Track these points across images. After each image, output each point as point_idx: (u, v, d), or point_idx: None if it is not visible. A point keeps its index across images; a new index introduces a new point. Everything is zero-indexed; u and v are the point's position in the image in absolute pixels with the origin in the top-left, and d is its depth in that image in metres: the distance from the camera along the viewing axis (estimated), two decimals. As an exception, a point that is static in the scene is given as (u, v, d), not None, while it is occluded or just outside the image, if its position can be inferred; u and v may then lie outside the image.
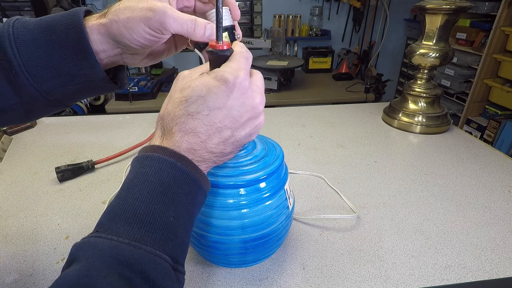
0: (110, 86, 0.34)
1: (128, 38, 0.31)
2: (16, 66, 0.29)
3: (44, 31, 0.30)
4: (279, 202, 0.38)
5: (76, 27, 0.30)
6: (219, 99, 0.28)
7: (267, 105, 1.93)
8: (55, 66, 0.30)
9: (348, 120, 0.89)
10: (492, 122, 1.79)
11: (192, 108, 0.28)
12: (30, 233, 0.49)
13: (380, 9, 2.31)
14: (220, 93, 0.28)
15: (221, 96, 0.28)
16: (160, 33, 0.31)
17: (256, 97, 0.31)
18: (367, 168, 0.66)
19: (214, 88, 0.28)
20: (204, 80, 0.28)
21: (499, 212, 0.53)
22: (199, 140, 0.29)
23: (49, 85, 0.31)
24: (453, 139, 0.79)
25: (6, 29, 0.29)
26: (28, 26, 0.30)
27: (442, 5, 0.73)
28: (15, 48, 0.29)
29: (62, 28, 0.30)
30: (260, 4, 2.16)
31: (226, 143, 0.30)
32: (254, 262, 0.42)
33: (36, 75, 0.30)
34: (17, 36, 0.29)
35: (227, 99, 0.29)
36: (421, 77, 0.83)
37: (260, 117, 0.32)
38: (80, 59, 0.31)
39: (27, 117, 0.34)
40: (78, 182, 0.61)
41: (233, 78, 0.28)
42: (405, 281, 0.41)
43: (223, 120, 0.29)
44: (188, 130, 0.28)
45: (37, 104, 0.32)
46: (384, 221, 0.51)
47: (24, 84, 0.30)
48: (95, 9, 2.08)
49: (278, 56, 1.85)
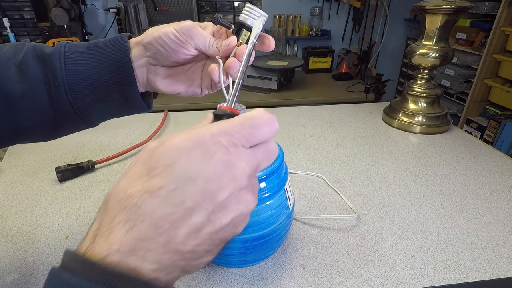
0: (140, 105, 0.37)
1: (155, 37, 0.33)
2: (60, 79, 0.32)
3: (93, 52, 0.34)
4: (279, 202, 0.38)
5: (122, 46, 0.34)
6: (192, 165, 0.19)
7: (268, 105, 1.91)
8: (93, 83, 0.33)
9: (348, 120, 0.89)
10: (492, 122, 1.79)
11: (154, 182, 0.19)
12: (30, 233, 0.49)
13: (380, 9, 2.31)
14: (195, 156, 0.20)
15: (195, 161, 0.20)
16: (184, 39, 0.34)
17: (245, 168, 0.21)
18: (367, 168, 0.66)
19: (187, 151, 0.20)
20: (176, 142, 0.20)
21: (499, 212, 0.53)
22: (157, 231, 0.18)
23: (85, 101, 0.34)
24: (453, 139, 0.79)
25: (58, 49, 0.33)
26: (78, 48, 0.34)
27: (442, 5, 0.73)
28: (63, 64, 0.32)
29: (108, 49, 0.34)
30: (260, 4, 2.16)
31: (200, 236, 0.19)
32: (254, 262, 0.42)
33: (75, 89, 0.33)
34: (67, 55, 0.33)
35: (204, 165, 0.20)
36: (421, 77, 0.83)
37: (248, 196, 0.22)
38: (120, 75, 0.34)
39: (54, 133, 0.36)
40: (78, 182, 0.61)
41: (215, 138, 0.20)
42: (405, 281, 0.41)
43: (195, 196, 0.19)
44: (140, 217, 0.18)
45: (67, 121, 0.35)
46: (384, 221, 0.51)
47: (62, 98, 0.33)
48: (95, 9, 2.08)
49: (278, 56, 1.85)
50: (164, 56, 0.35)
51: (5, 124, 0.32)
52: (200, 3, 2.15)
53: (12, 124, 0.33)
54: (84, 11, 2.05)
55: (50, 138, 0.37)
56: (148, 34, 0.34)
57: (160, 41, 0.33)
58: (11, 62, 0.32)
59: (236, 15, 2.20)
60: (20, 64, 0.32)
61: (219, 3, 2.15)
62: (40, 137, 0.36)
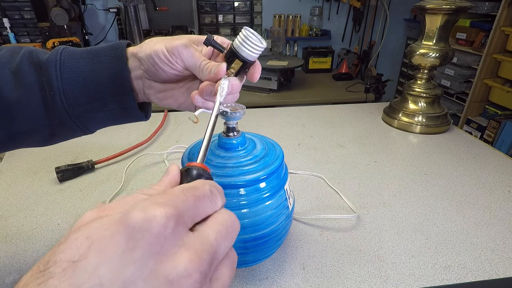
0: (137, 115, 0.36)
1: (147, 54, 0.32)
2: (56, 88, 0.32)
3: (90, 60, 0.33)
4: (279, 202, 0.38)
5: (119, 56, 0.33)
6: (106, 261, 0.14)
7: (268, 105, 1.91)
8: (89, 91, 0.33)
9: (348, 120, 0.89)
10: (492, 122, 1.80)
11: (46, 285, 0.14)
12: (30, 233, 0.49)
13: (380, 9, 2.31)
14: (112, 247, 0.14)
15: (111, 256, 0.14)
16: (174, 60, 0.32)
17: (188, 265, 0.15)
18: (367, 168, 0.66)
19: (105, 238, 0.15)
20: (93, 227, 0.15)
21: (499, 212, 0.53)
22: None
23: (81, 109, 0.33)
24: (453, 139, 0.79)
25: (54, 56, 0.32)
26: (75, 55, 0.33)
27: (442, 5, 0.73)
28: (59, 72, 0.32)
29: (105, 58, 0.33)
30: (260, 4, 2.16)
31: None
32: (254, 262, 0.42)
33: (71, 98, 0.32)
34: (63, 63, 0.32)
35: (124, 261, 0.14)
36: (421, 77, 0.83)
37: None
38: (116, 85, 0.33)
39: (49, 140, 0.36)
40: (78, 182, 0.61)
41: (146, 219, 0.15)
42: (405, 281, 0.41)
43: None
44: None
45: (63, 129, 0.34)
46: (384, 221, 0.51)
47: (58, 106, 0.32)
48: (95, 9, 2.08)
49: (278, 56, 1.85)
50: (155, 74, 0.34)
51: (1, 129, 0.32)
52: (200, 3, 2.15)
53: (8, 128, 0.32)
54: (84, 11, 2.05)
55: (47, 144, 0.37)
56: (143, 48, 0.33)
57: (150, 59, 0.33)
58: (6, 68, 0.32)
59: (236, 15, 2.20)
60: (16, 71, 0.32)
61: (219, 3, 2.15)
62: (37, 143, 0.36)
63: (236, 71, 0.32)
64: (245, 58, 0.30)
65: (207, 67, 0.31)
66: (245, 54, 0.30)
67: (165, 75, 0.34)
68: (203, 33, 2.20)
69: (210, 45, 0.31)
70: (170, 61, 0.32)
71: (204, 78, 0.32)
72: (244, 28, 0.30)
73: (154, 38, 0.34)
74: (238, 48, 0.30)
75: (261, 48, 0.30)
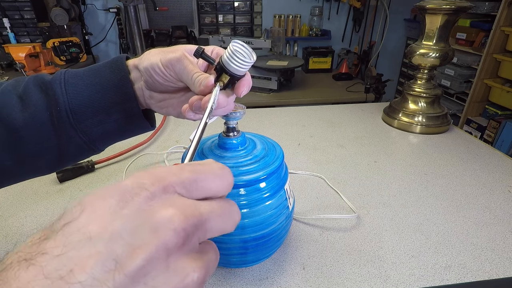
0: (142, 123, 0.37)
1: (145, 66, 0.33)
2: (62, 103, 0.33)
3: (92, 75, 0.34)
4: (279, 202, 0.38)
5: (120, 67, 0.34)
6: (93, 220, 0.15)
7: (268, 105, 1.91)
8: (94, 104, 0.34)
9: (348, 120, 0.89)
10: (492, 122, 1.80)
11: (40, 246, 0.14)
12: (30, 233, 0.49)
13: (380, 9, 2.31)
14: (102, 208, 0.15)
15: (100, 214, 0.15)
16: (169, 73, 0.33)
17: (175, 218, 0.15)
18: (367, 168, 0.66)
19: (98, 200, 0.15)
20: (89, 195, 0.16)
21: (499, 212, 0.53)
22: None
23: (87, 123, 0.34)
24: (453, 139, 0.79)
25: (58, 75, 0.34)
26: (77, 73, 0.35)
27: (442, 5, 0.73)
28: (64, 89, 0.33)
29: (106, 72, 0.34)
30: (260, 4, 2.16)
31: None
32: (254, 262, 0.42)
33: (77, 112, 0.33)
34: (67, 80, 0.34)
35: (111, 218, 0.15)
36: (421, 77, 0.83)
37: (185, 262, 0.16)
38: (120, 95, 0.34)
39: (58, 162, 0.36)
40: (78, 182, 0.61)
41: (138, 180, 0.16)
42: (405, 281, 0.41)
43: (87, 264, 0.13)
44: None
45: (71, 146, 0.35)
46: (384, 221, 0.51)
47: (65, 123, 0.33)
48: (95, 9, 2.08)
49: (278, 56, 1.85)
50: (153, 85, 0.35)
51: (8, 155, 0.32)
52: (200, 3, 2.15)
53: (15, 153, 0.33)
54: (84, 11, 2.05)
55: (56, 169, 0.38)
56: (142, 60, 0.34)
57: (147, 72, 0.34)
58: (12, 93, 0.33)
59: (236, 15, 2.20)
60: (22, 94, 0.32)
61: (219, 3, 2.15)
62: (46, 169, 0.37)
63: (225, 84, 0.31)
64: (232, 73, 0.30)
65: (198, 80, 0.31)
66: (232, 69, 0.30)
67: (161, 87, 0.35)
68: (203, 33, 2.20)
69: (200, 57, 0.31)
70: (165, 74, 0.33)
71: (196, 90, 0.32)
72: (232, 41, 0.29)
73: (153, 50, 0.34)
74: (226, 62, 0.30)
75: (249, 63, 0.29)
